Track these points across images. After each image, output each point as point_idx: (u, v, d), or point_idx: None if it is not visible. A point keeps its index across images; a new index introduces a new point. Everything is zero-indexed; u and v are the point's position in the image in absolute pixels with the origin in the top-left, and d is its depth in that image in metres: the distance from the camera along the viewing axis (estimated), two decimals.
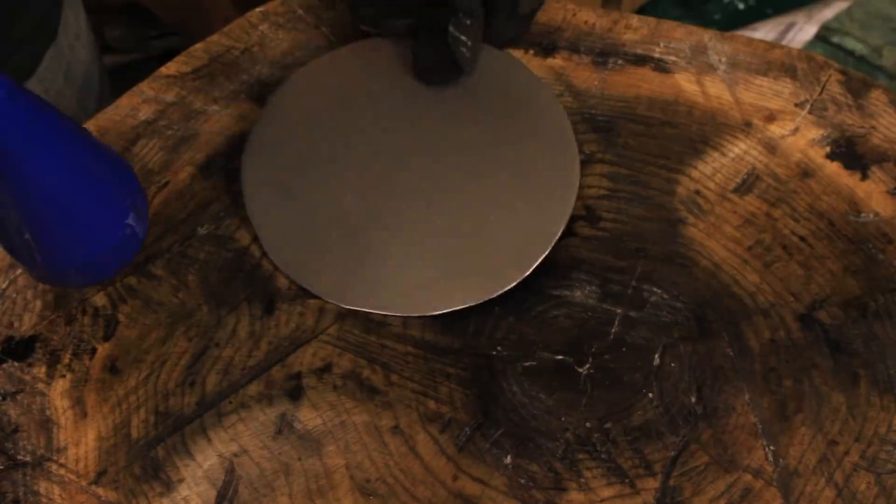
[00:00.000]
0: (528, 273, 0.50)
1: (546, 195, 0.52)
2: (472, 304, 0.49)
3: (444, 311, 0.49)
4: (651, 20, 0.60)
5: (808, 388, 0.46)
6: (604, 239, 0.52)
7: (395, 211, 0.52)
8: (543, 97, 0.55)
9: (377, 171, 0.53)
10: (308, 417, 0.46)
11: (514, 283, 0.49)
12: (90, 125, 0.56)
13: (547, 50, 0.59)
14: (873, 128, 0.55)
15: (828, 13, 1.15)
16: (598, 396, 0.46)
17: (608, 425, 0.45)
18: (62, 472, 0.44)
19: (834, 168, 0.53)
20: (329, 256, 0.51)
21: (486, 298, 0.49)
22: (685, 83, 0.57)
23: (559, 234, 0.51)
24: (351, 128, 0.55)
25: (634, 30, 0.60)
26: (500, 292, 0.49)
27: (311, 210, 0.53)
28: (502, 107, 0.55)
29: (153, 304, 0.50)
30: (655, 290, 0.50)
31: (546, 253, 0.50)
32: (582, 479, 0.44)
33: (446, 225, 0.52)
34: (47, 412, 0.46)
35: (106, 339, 0.48)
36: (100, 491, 0.44)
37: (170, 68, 0.59)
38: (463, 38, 0.53)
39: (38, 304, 0.49)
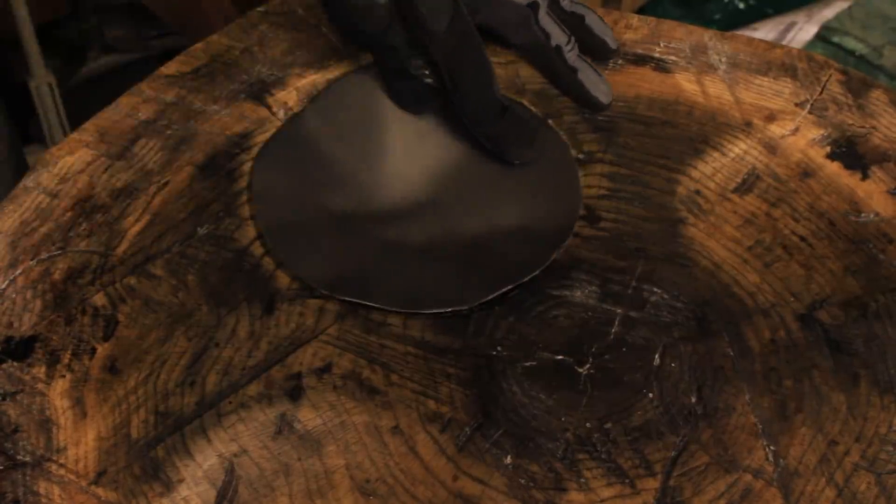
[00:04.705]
0: (524, 279, 0.50)
1: (548, 214, 0.52)
2: (472, 305, 0.49)
3: (445, 311, 0.49)
4: (651, 20, 0.60)
5: (809, 388, 0.46)
6: (604, 239, 0.52)
7: (400, 214, 0.52)
8: (549, 135, 0.56)
9: (386, 177, 0.54)
10: (308, 417, 0.46)
11: (510, 287, 0.49)
12: (91, 124, 0.56)
13: None
14: (874, 128, 0.55)
15: (828, 13, 1.15)
16: (598, 396, 0.46)
17: (608, 425, 0.45)
18: (62, 472, 0.44)
19: (834, 168, 0.53)
20: (332, 253, 0.51)
21: (484, 300, 0.49)
22: (685, 83, 0.57)
23: (557, 252, 0.51)
24: (365, 138, 0.55)
25: (635, 29, 0.60)
26: (497, 294, 0.49)
27: (318, 208, 0.53)
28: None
29: (153, 304, 0.49)
30: (655, 290, 0.50)
31: (546, 263, 0.50)
32: (582, 479, 0.44)
33: (451, 230, 0.52)
34: (47, 412, 0.46)
35: (106, 339, 0.48)
36: (99, 491, 0.44)
37: (170, 68, 0.59)
38: (423, 71, 0.55)
39: (38, 304, 0.49)
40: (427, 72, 0.55)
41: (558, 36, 0.55)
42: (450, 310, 0.49)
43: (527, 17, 0.54)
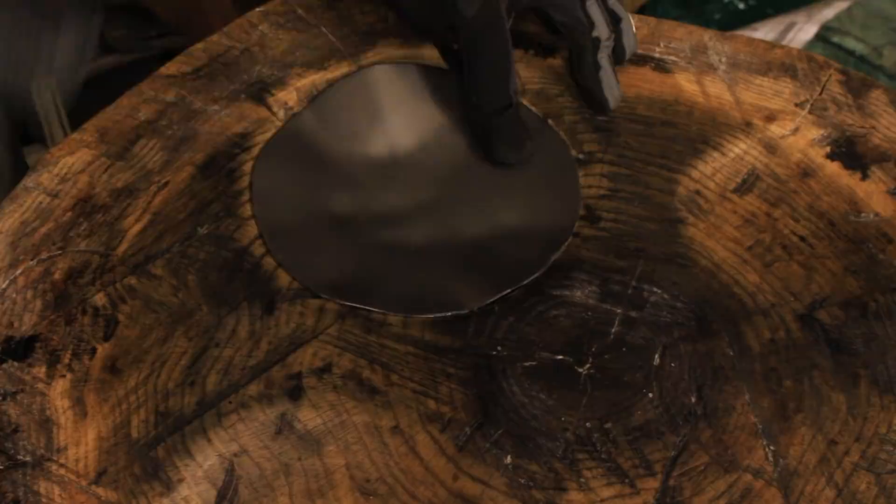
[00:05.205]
0: (525, 282, 0.50)
1: (549, 214, 0.52)
2: (473, 309, 0.49)
3: (445, 314, 0.49)
4: (651, 20, 0.60)
5: (809, 388, 0.46)
6: (604, 239, 0.52)
7: (400, 216, 0.52)
8: (549, 135, 0.56)
9: (386, 178, 0.54)
10: (308, 417, 0.46)
11: (509, 291, 0.50)
12: (91, 124, 0.56)
13: (547, 50, 0.59)
14: (873, 128, 0.55)
15: (828, 13, 1.14)
16: (598, 396, 0.46)
17: (608, 425, 0.45)
18: (62, 472, 0.44)
19: (834, 168, 0.53)
20: (332, 255, 0.51)
21: (485, 304, 0.49)
22: (685, 83, 0.57)
23: (557, 253, 0.51)
24: (365, 139, 0.55)
25: (635, 30, 0.60)
26: (497, 297, 0.49)
27: (318, 209, 0.53)
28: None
29: (153, 304, 0.50)
30: (655, 290, 0.50)
31: (547, 265, 0.50)
32: (582, 479, 0.44)
33: (451, 233, 0.52)
34: (47, 412, 0.46)
35: (106, 339, 0.48)
36: (100, 491, 0.44)
37: (170, 68, 0.59)
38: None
39: (38, 304, 0.49)
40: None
41: (602, 29, 0.55)
42: (451, 314, 0.49)
43: (574, 1, 0.54)
